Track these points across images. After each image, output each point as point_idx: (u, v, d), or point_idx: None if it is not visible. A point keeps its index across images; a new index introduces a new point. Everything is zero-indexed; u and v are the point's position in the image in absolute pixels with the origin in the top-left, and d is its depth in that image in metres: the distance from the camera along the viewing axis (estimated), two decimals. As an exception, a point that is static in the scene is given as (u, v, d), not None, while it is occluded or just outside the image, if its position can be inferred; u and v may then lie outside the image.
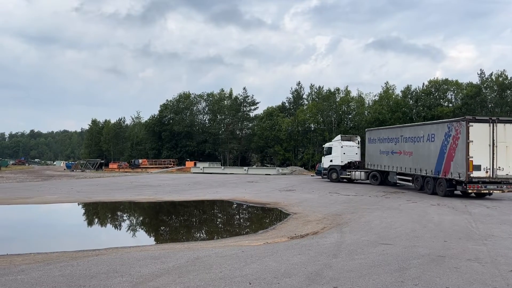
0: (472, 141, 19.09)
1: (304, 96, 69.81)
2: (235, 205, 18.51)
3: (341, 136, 33.07)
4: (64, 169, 64.79)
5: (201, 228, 13.74)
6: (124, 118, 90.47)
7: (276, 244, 9.21)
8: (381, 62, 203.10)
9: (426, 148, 22.46)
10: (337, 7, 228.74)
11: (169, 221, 15.48)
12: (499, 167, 19.20)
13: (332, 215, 13.88)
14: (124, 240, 11.84)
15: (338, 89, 63.18)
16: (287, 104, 70.61)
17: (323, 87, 66.60)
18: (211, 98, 73.62)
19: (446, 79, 55.96)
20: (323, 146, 34.85)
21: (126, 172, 55.29)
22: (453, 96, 55.63)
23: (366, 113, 58.71)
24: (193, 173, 48.47)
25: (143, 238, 12.34)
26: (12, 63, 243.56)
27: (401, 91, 57.77)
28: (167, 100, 75.10)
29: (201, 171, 48.70)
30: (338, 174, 31.31)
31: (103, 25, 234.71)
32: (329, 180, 31.79)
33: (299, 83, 70.22)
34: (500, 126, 19.34)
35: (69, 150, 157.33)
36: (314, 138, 61.27)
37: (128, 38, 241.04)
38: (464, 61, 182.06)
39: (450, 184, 20.45)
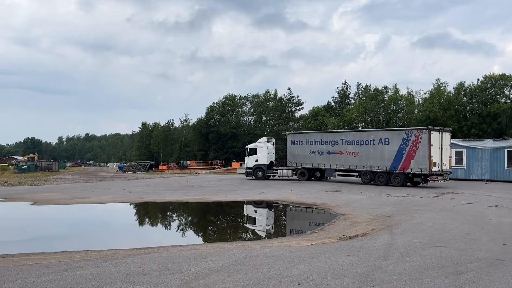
0: (432, 145, 25.28)
1: (351, 95, 68.60)
2: (282, 206, 18.50)
3: (266, 138, 36.10)
4: (117, 171, 67.56)
5: (248, 228, 13.85)
6: (173, 120, 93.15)
7: (324, 245, 9.10)
8: (432, 59, 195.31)
9: (378, 149, 27.64)
10: (388, 4, 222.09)
11: (216, 221, 15.74)
12: (443, 163, 26.16)
13: (381, 217, 13.52)
14: (174, 239, 12.17)
15: (386, 87, 61.54)
16: (333, 103, 69.65)
17: (370, 86, 65.12)
18: (256, 100, 74.04)
19: (504, 74, 52.80)
20: (246, 147, 36.36)
21: (175, 173, 56.76)
22: (511, 92, 52.45)
23: (416, 112, 56.69)
24: (239, 173, 48.92)
25: (192, 237, 12.62)
26: (71, 70, 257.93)
27: (454, 88, 55.26)
28: (213, 102, 76.26)
29: (247, 172, 49.05)
30: (265, 173, 33.75)
31: (153, 33, 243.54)
32: (254, 178, 33.70)
33: (345, 82, 69.09)
34: (443, 134, 26.50)
35: (121, 152, 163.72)
36: (362, 138, 59.94)
37: (177, 44, 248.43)
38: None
39: (406, 177, 26.56)
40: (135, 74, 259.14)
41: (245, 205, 19.13)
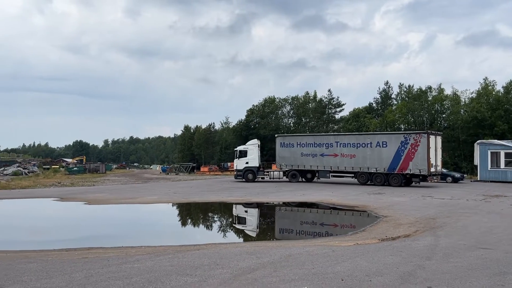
0: (430, 147, 27.59)
1: (393, 96, 67.19)
2: (323, 208, 18.63)
3: (257, 141, 36.75)
4: (160, 172, 69.57)
5: (289, 228, 14.14)
6: (214, 123, 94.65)
7: (367, 245, 9.25)
8: (479, 57, 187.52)
9: (376, 152, 29.29)
10: (432, 1, 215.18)
11: (258, 220, 16.13)
12: (437, 164, 28.75)
13: (425, 219, 13.41)
14: (219, 237, 12.68)
15: (430, 87, 59.82)
16: (374, 104, 68.50)
17: (413, 86, 63.52)
18: (295, 102, 74.03)
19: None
20: (236, 149, 36.47)
21: (216, 175, 57.85)
22: None
23: (462, 112, 54.78)
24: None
25: (237, 235, 13.08)
26: (118, 75, 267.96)
27: (503, 87, 52.89)
28: (253, 105, 76.87)
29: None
30: (255, 175, 34.08)
31: (195, 38, 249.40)
32: (244, 180, 33.78)
33: (387, 83, 67.73)
34: (437, 137, 29.13)
35: (163, 155, 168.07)
36: (404, 139, 58.62)
37: (217, 48, 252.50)
38: None
39: (404, 178, 28.42)
40: (178, 78, 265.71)
41: (286, 207, 19.41)
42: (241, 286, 5.91)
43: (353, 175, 30.65)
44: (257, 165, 34.43)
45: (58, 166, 75.50)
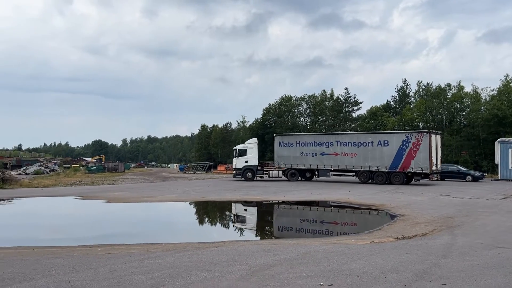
0: (432, 146, 28.25)
1: (411, 94, 66.43)
2: (340, 206, 18.68)
3: (256, 139, 37.04)
4: (178, 171, 70.31)
5: (306, 227, 14.27)
6: (230, 122, 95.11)
7: (383, 244, 9.33)
8: (501, 53, 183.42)
9: (377, 151, 29.78)
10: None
11: (274, 219, 16.29)
12: (438, 163, 29.65)
13: (442, 218, 13.37)
14: (237, 234, 12.92)
15: (449, 85, 58.94)
16: (392, 103, 67.85)
17: (431, 84, 62.72)
18: (312, 100, 73.82)
19: None
20: (234, 148, 36.67)
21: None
22: None
23: (482, 110, 53.82)
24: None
25: (254, 233, 13.27)
26: (136, 76, 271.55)
27: (525, 84, 51.79)
28: (269, 104, 76.93)
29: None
30: (255, 174, 34.22)
31: (212, 38, 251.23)
32: (243, 179, 33.84)
33: (405, 81, 66.99)
34: (437, 136, 29.96)
35: (181, 154, 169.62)
36: (423, 137, 57.93)
37: (234, 48, 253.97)
38: None
39: (405, 176, 29.05)
40: (195, 78, 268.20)
41: (302, 205, 19.52)
42: (258, 281, 6.09)
43: (354, 174, 31.06)
44: (256, 164, 34.61)
45: (78, 165, 76.89)
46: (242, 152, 34.91)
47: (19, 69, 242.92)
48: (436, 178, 30.27)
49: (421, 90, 64.23)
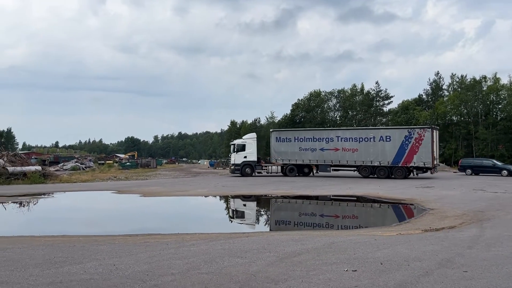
0: (434, 141, 29.37)
1: (444, 87, 64.91)
2: (368, 201, 18.79)
3: (255, 134, 36.18)
4: (208, 167, 71.47)
5: (333, 220, 14.53)
6: (259, 118, 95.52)
7: (409, 235, 9.53)
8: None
9: (379, 146, 30.49)
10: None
11: (302, 212, 16.62)
12: (437, 157, 30.88)
13: (473, 212, 13.33)
14: (266, 226, 13.34)
15: (484, 77, 57.23)
16: (424, 96, 66.52)
17: (466, 76, 61.08)
18: (342, 95, 73.26)
19: None
20: (232, 143, 35.87)
21: (263, 169, 58.61)
22: None
23: (519, 102, 52.07)
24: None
25: (281, 225, 13.66)
26: (166, 73, 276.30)
27: None
28: (298, 99, 76.97)
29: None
30: (254, 169, 33.93)
31: (241, 34, 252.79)
32: (242, 175, 33.49)
33: (438, 73, 65.59)
34: (437, 132, 31.20)
35: (210, 150, 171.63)
36: (457, 131, 56.57)
37: (263, 44, 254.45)
38: None
39: (407, 170, 29.98)
40: (224, 74, 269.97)
41: (329, 200, 19.74)
42: (286, 267, 6.48)
43: (355, 168, 31.70)
44: (256, 159, 34.28)
45: (112, 162, 79.16)
46: (241, 148, 34.48)
47: (55, 68, 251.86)
48: (436, 172, 31.15)
49: (454, 82, 62.73)
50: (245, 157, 34.23)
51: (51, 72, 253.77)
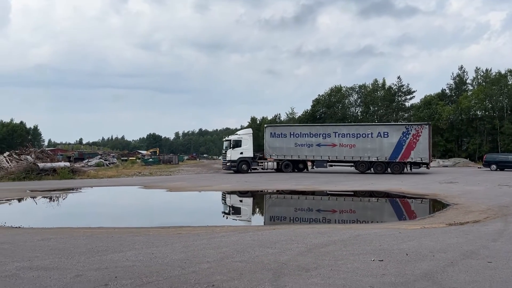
0: (430, 137, 30.64)
1: (468, 81, 63.79)
2: (391, 196, 18.90)
3: (250, 130, 35.79)
4: (229, 163, 72.05)
5: (357, 214, 14.76)
6: (280, 114, 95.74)
7: (434, 229, 9.71)
8: None
9: (377, 142, 31.02)
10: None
11: (326, 207, 16.88)
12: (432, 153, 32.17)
13: (498, 207, 13.36)
14: (292, 220, 13.66)
15: (510, 71, 56.02)
16: (447, 91, 65.49)
17: (491, 70, 59.88)
18: (363, 90, 72.72)
19: None
20: (227, 139, 34.73)
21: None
22: None
23: (547, 96, 50.83)
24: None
25: (307, 219, 13.97)
26: (187, 70, 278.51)
27: None
28: (319, 95, 76.73)
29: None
30: (250, 165, 33.31)
31: (261, 30, 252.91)
32: (237, 172, 32.76)
33: (462, 67, 64.51)
34: (431, 128, 31.92)
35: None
36: (481, 126, 55.60)
37: (282, 40, 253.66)
38: None
39: (404, 165, 30.65)
40: (244, 70, 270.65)
41: (353, 195, 19.91)
42: (314, 256, 6.81)
43: (352, 164, 32.01)
44: (252, 155, 33.63)
45: (134, 158, 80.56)
46: (236, 144, 33.55)
47: (79, 67, 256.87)
48: (430, 167, 31.85)
49: (479, 76, 61.64)
50: (241, 153, 33.42)
51: (75, 70, 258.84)
